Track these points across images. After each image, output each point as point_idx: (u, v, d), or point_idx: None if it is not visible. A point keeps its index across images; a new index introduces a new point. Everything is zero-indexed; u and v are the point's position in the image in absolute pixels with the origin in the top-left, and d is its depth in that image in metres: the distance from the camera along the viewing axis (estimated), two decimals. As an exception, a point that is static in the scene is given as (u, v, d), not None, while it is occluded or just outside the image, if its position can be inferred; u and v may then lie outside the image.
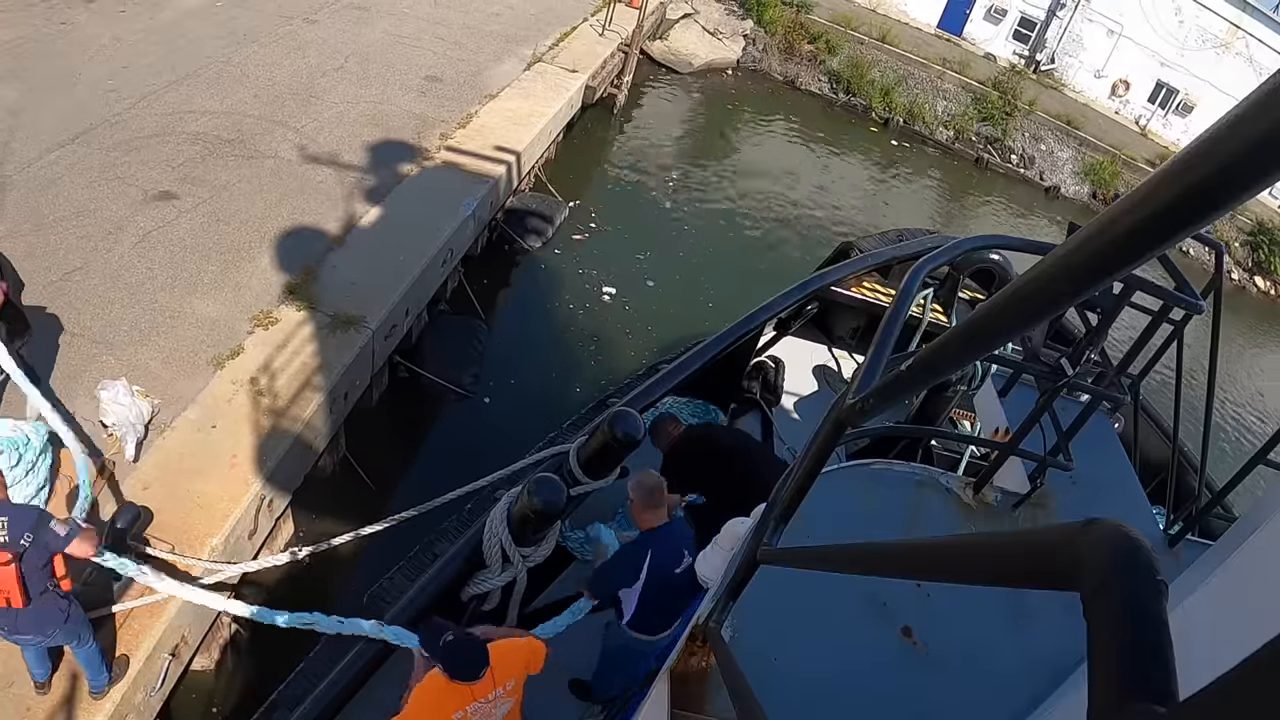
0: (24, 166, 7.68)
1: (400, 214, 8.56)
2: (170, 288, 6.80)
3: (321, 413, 6.30)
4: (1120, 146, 23.29)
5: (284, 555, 5.41)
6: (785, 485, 2.09)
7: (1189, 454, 6.38)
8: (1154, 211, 0.63)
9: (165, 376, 6.01)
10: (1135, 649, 0.57)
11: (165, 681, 4.85)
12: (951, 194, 20.47)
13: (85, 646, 4.13)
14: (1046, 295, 0.84)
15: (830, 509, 3.09)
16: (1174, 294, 3.31)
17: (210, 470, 5.50)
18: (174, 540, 5.02)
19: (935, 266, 2.97)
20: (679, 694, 2.48)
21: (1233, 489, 3.72)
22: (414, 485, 7.03)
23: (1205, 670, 0.49)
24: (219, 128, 9.14)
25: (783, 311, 6.66)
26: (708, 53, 20.85)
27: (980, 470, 3.61)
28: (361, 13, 13.27)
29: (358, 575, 6.12)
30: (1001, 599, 3.10)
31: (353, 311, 7.04)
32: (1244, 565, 2.44)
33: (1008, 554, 0.80)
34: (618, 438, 4.48)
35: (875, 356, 1.82)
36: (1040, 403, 3.32)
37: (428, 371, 8.16)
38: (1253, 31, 25.22)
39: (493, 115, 11.17)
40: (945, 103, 22.50)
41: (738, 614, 2.47)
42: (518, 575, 4.53)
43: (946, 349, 1.17)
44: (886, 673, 2.79)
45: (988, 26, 27.90)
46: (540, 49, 13.89)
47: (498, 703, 3.38)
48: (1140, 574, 0.61)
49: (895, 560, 1.22)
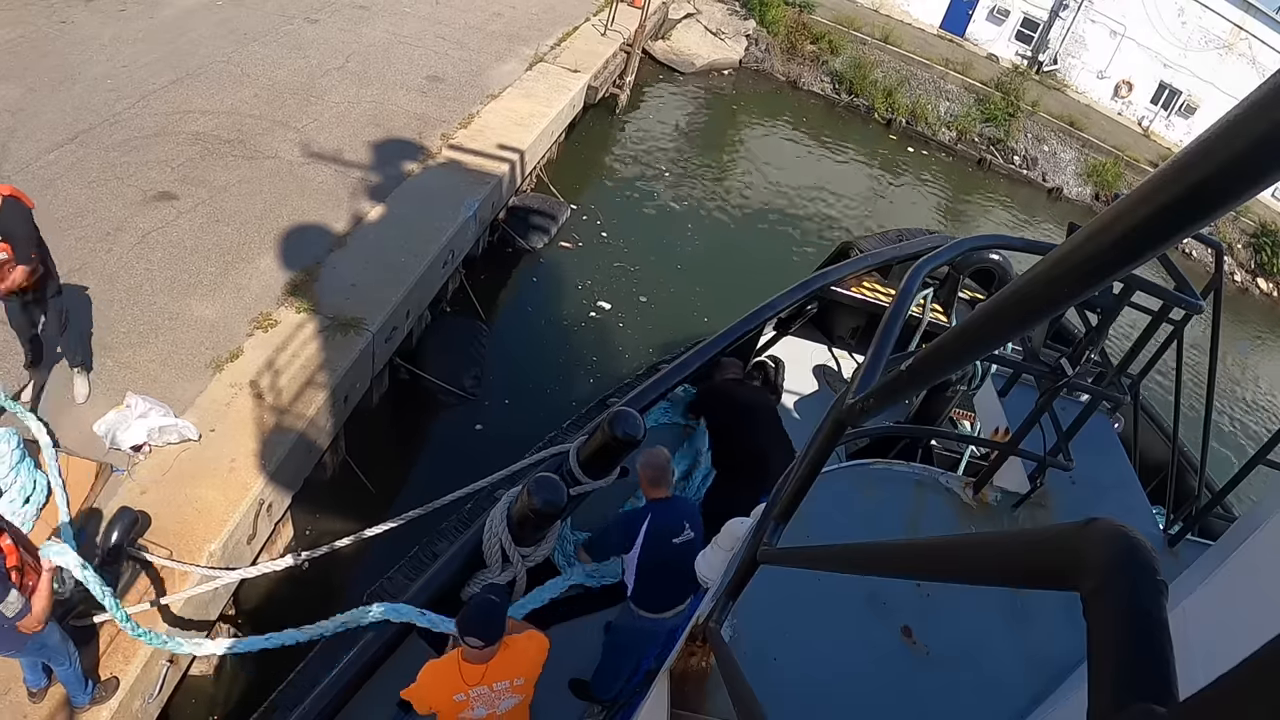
0: (22, 166, 7.68)
1: (401, 215, 8.55)
2: (169, 289, 6.79)
3: (321, 416, 6.28)
4: (1123, 148, 23.28)
5: (283, 560, 5.40)
6: (785, 485, 2.09)
7: (1189, 454, 6.38)
8: (1154, 211, 0.63)
9: (164, 379, 5.99)
10: (1135, 649, 0.57)
11: (163, 688, 4.83)
12: (954, 195, 20.46)
13: (64, 667, 4.02)
14: (1046, 295, 0.84)
15: (830, 509, 3.09)
16: (1174, 294, 3.31)
17: (209, 474, 5.46)
18: (172, 546, 4.97)
19: (935, 266, 2.97)
20: (679, 694, 2.48)
21: (1233, 489, 3.73)
22: (414, 488, 7.03)
23: (1205, 670, 0.49)
24: (219, 128, 9.14)
25: (783, 311, 6.66)
26: (710, 53, 20.86)
27: (980, 470, 3.61)
28: (362, 12, 13.28)
29: (358, 578, 6.13)
30: (1001, 599, 3.10)
31: (353, 314, 7.02)
32: (1244, 565, 2.44)
33: (1007, 554, 0.80)
34: (618, 438, 4.49)
35: (875, 356, 1.82)
36: (1040, 403, 3.32)
37: (428, 374, 8.15)
38: (1256, 33, 25.21)
39: (494, 115, 11.17)
40: (948, 104, 22.51)
41: (738, 614, 2.47)
42: (517, 575, 4.53)
43: (946, 349, 1.16)
44: (886, 673, 2.79)
45: (990, 27, 27.91)
46: (542, 49, 13.89)
47: (503, 694, 3.36)
48: (1140, 574, 0.61)
49: (895, 560, 1.22)
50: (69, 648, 4.00)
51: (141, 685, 4.60)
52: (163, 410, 5.50)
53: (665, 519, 4.18)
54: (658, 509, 4.22)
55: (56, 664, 4.01)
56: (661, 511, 4.21)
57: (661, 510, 4.21)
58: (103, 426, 5.34)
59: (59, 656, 3.96)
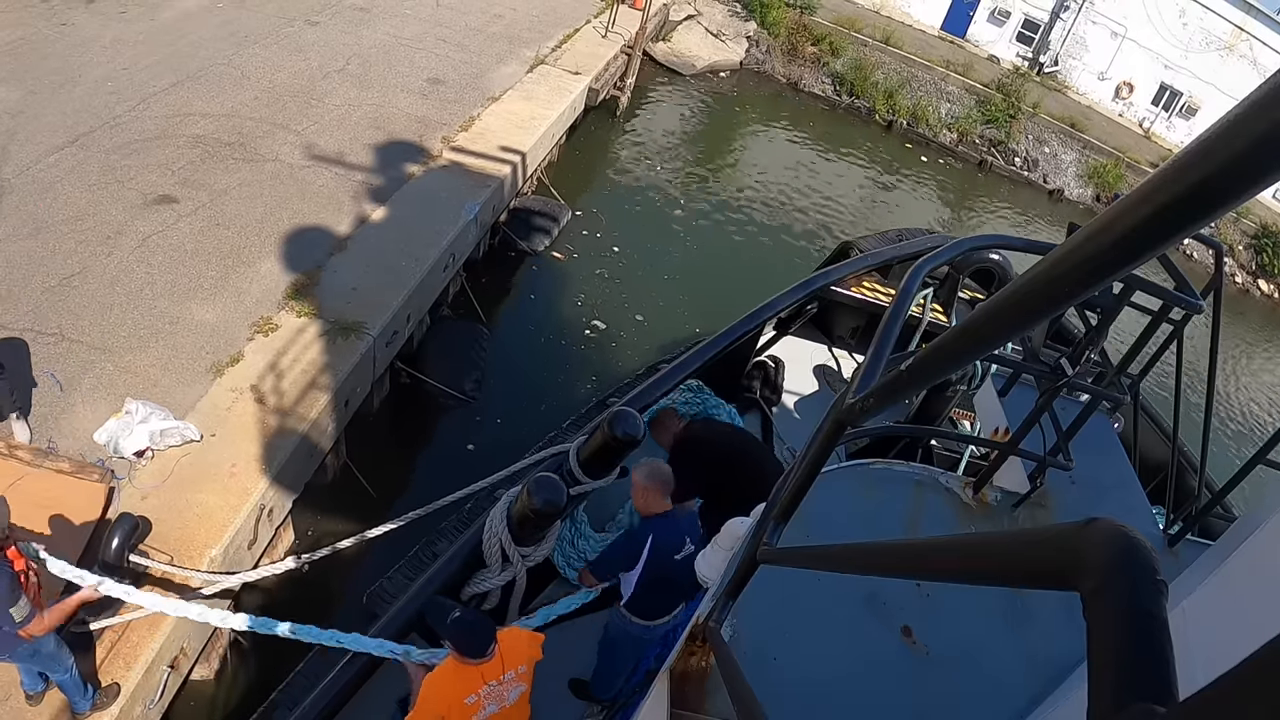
0: (23, 170, 7.69)
1: (402, 218, 8.56)
2: (169, 293, 6.79)
3: (322, 420, 6.28)
4: (1124, 149, 23.28)
5: (283, 565, 5.40)
6: (785, 485, 2.09)
7: (1189, 454, 6.38)
8: (1154, 211, 0.63)
9: (164, 383, 5.99)
10: (1135, 649, 0.57)
11: (164, 694, 4.82)
12: (955, 197, 20.47)
13: (60, 675, 4.02)
14: (1046, 295, 0.84)
15: (830, 509, 3.09)
16: (1174, 294, 3.31)
17: (209, 479, 5.46)
18: (173, 552, 4.97)
19: (935, 266, 2.97)
20: (679, 694, 2.48)
21: (1233, 489, 3.72)
22: (415, 491, 7.03)
23: (1205, 670, 0.49)
24: (219, 130, 9.14)
25: (783, 311, 6.67)
26: (711, 55, 20.87)
27: (980, 470, 3.61)
28: (363, 14, 13.29)
29: (358, 580, 6.11)
30: (1001, 599, 3.10)
31: (354, 318, 7.02)
32: (1244, 565, 2.44)
33: (1007, 554, 0.80)
34: (617, 437, 4.48)
35: (875, 356, 1.82)
36: (1040, 403, 3.32)
37: (429, 378, 8.15)
38: (1257, 34, 25.21)
39: (495, 118, 11.18)
40: (949, 105, 22.52)
41: (738, 614, 2.47)
42: (517, 575, 4.53)
43: (946, 349, 1.16)
44: (886, 672, 2.78)
45: (991, 29, 27.93)
46: (543, 51, 13.90)
47: (509, 685, 3.40)
48: (1140, 574, 0.61)
49: (895, 560, 1.22)
50: (64, 655, 3.98)
51: (143, 691, 4.59)
52: (163, 414, 5.50)
53: (667, 536, 4.09)
54: (659, 526, 4.11)
55: (51, 672, 4.00)
56: (663, 528, 4.10)
57: (663, 527, 4.11)
58: (104, 435, 5.34)
59: (53, 664, 3.94)
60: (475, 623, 3.35)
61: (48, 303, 6.34)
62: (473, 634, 3.29)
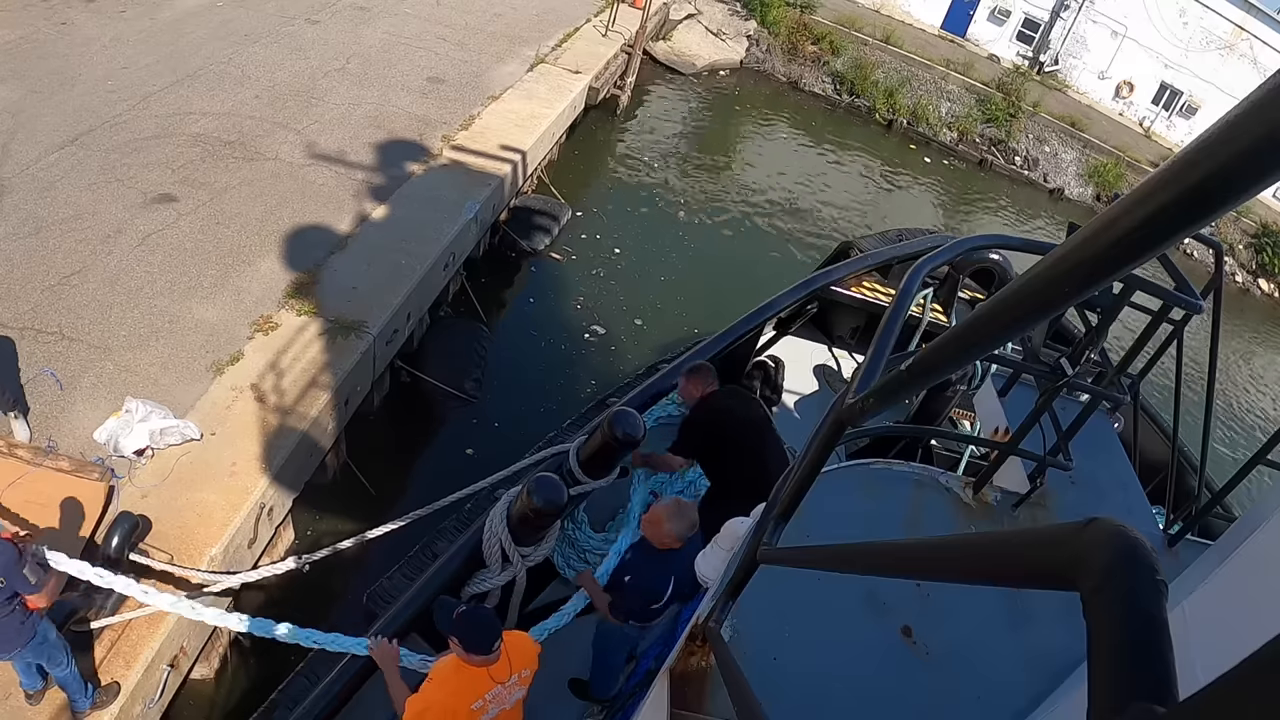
0: (23, 169, 7.69)
1: (402, 217, 8.56)
2: (169, 292, 6.79)
3: (322, 419, 6.28)
4: (1124, 148, 23.27)
5: (283, 564, 5.39)
6: (785, 485, 2.09)
7: (1189, 454, 6.38)
8: (1154, 211, 0.63)
9: (164, 382, 5.99)
10: (1135, 649, 0.57)
11: (164, 693, 4.83)
12: (955, 196, 20.47)
13: (60, 670, 4.02)
14: (1046, 295, 0.84)
15: (830, 509, 3.09)
16: (1174, 294, 3.30)
17: (209, 478, 5.46)
18: (172, 551, 4.97)
19: (935, 266, 2.97)
20: (679, 694, 2.48)
21: (1233, 489, 3.72)
22: (415, 490, 7.03)
23: (1205, 670, 0.49)
24: (219, 129, 9.14)
25: (783, 311, 6.66)
26: (711, 54, 20.87)
27: (980, 470, 3.61)
28: (363, 13, 13.28)
29: (358, 580, 6.12)
30: (1001, 599, 3.10)
31: (354, 316, 7.02)
32: (1244, 565, 2.44)
33: (1007, 554, 0.80)
34: (617, 437, 4.48)
35: (875, 356, 1.82)
36: (1040, 402, 3.32)
37: (430, 377, 8.15)
38: (1257, 33, 25.18)
39: (495, 117, 11.17)
40: (949, 104, 22.51)
41: (738, 614, 2.47)
42: (517, 575, 4.53)
43: (946, 349, 1.16)
44: (886, 672, 2.78)
45: (991, 28, 27.90)
46: (543, 50, 13.89)
47: (513, 689, 3.36)
48: (1140, 574, 0.61)
49: (895, 560, 1.22)
50: (66, 648, 4.02)
51: (142, 690, 4.59)
52: (162, 412, 5.50)
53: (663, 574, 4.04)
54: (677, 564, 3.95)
55: (54, 664, 4.00)
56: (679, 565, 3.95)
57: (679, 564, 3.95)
58: (104, 434, 5.33)
59: (57, 654, 3.97)
60: (482, 617, 3.28)
61: (48, 302, 6.34)
62: (480, 629, 3.19)
